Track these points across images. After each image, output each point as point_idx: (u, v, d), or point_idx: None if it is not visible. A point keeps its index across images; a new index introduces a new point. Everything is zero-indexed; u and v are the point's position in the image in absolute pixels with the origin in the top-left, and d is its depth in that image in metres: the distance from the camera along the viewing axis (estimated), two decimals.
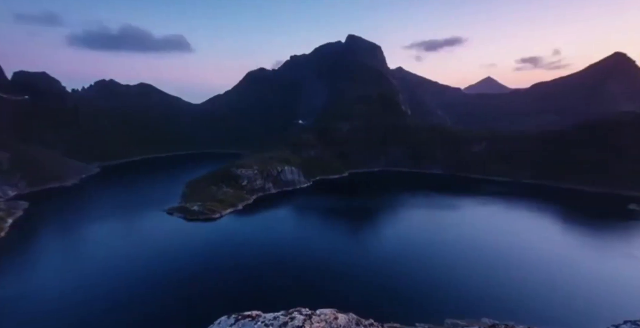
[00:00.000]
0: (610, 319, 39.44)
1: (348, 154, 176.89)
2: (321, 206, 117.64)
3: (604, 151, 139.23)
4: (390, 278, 61.14)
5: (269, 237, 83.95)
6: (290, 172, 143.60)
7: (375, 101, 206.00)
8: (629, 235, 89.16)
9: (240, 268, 64.63)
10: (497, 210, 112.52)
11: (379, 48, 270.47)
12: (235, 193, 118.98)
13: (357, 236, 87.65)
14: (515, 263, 68.72)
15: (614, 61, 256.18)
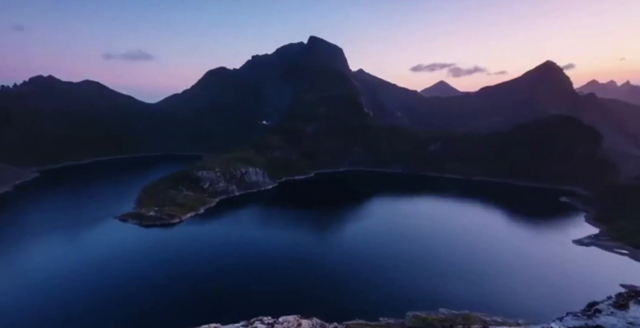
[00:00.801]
0: (555, 303, 43.75)
1: (313, 154, 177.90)
2: (286, 208, 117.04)
3: (539, 150, 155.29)
4: (353, 276, 62.02)
5: (231, 242, 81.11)
6: (255, 173, 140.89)
7: (339, 102, 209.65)
8: (563, 224, 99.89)
9: (199, 276, 61.22)
10: (451, 206, 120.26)
11: (340, 50, 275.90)
12: (197, 196, 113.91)
13: (321, 238, 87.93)
14: (468, 254, 73.43)
15: (545, 69, 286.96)
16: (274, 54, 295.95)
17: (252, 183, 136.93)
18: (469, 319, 43.53)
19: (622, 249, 73.22)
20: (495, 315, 45.19)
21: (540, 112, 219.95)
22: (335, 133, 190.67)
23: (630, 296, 2.83)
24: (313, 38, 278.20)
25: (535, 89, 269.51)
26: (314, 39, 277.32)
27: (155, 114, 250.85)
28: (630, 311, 2.55)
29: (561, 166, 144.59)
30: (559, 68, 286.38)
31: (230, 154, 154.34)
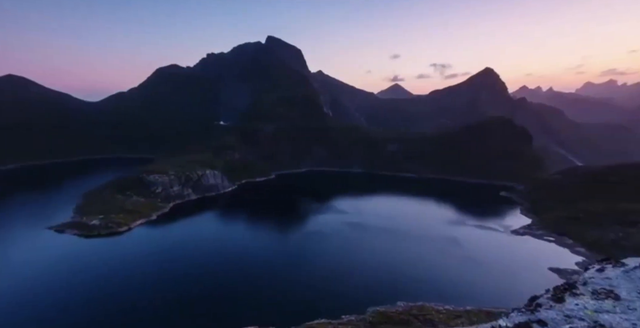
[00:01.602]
0: (498, 288, 47.99)
1: (274, 155, 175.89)
2: (246, 210, 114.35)
3: (481, 149, 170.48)
4: (314, 277, 62.38)
5: (186, 248, 76.72)
6: (213, 176, 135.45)
7: (299, 103, 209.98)
8: (503, 216, 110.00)
9: (147, 289, 56.96)
10: (406, 203, 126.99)
11: (299, 51, 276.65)
12: (148, 201, 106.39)
13: (281, 240, 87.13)
14: (421, 248, 77.79)
15: (485, 75, 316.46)
16: (230, 52, 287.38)
17: (209, 186, 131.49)
18: (423, 310, 46.44)
19: (549, 236, 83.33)
20: (447, 305, 48.70)
21: (481, 115, 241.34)
22: (296, 133, 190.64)
23: (565, 289, 3.08)
24: (271, 38, 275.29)
25: (477, 93, 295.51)
26: (271, 39, 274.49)
27: (97, 113, 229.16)
28: (566, 304, 2.81)
29: (500, 164, 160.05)
30: (496, 74, 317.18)
31: (185, 156, 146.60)
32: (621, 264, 3.18)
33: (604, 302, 2.56)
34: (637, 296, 2.56)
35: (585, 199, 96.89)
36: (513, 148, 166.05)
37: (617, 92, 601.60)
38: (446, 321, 43.31)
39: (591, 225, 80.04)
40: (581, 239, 77.12)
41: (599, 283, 2.80)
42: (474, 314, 45.18)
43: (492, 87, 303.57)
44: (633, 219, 76.64)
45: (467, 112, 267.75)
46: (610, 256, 3.43)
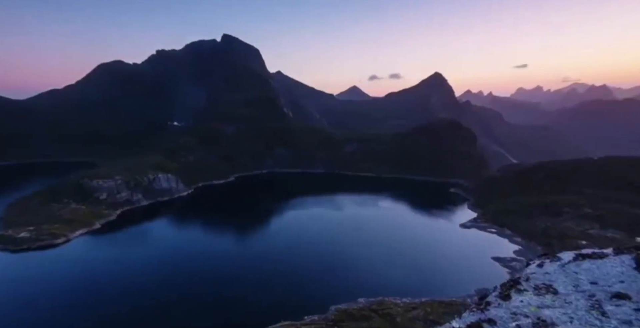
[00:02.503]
0: (451, 278, 51.34)
1: (233, 157, 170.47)
2: (203, 215, 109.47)
3: (432, 149, 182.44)
4: (275, 279, 61.84)
5: (136, 257, 71.37)
6: (166, 179, 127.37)
7: (258, 104, 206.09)
8: (453, 211, 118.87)
9: (84, 308, 51.33)
10: (364, 202, 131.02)
11: (257, 51, 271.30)
12: (90, 209, 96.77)
13: (240, 244, 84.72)
14: (379, 245, 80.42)
15: (435, 79, 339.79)
16: (183, 50, 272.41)
17: (162, 190, 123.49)
18: (382, 304, 48.49)
19: (492, 228, 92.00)
20: (404, 298, 51.37)
21: (432, 116, 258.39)
22: (256, 134, 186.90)
23: (511, 286, 3.20)
24: (227, 36, 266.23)
25: (428, 96, 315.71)
26: (228, 38, 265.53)
27: (26, 112, 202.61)
28: (512, 301, 2.86)
29: (450, 162, 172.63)
30: (444, 79, 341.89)
31: (134, 159, 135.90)
32: (558, 259, 3.29)
33: (544, 297, 2.73)
34: (573, 289, 2.75)
35: (519, 193, 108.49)
36: (460, 147, 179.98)
37: (543, 98, 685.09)
38: (404, 313, 45.70)
39: (525, 216, 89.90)
40: (517, 229, 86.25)
41: (540, 278, 3.01)
42: (428, 305, 48.26)
43: (440, 91, 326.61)
44: (557, 210, 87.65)
45: (420, 114, 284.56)
46: (548, 251, 3.77)
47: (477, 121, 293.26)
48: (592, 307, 2.48)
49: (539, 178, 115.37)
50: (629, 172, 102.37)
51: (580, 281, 2.81)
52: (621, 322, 2.29)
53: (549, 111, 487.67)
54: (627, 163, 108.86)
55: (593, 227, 75.66)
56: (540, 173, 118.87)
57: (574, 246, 67.56)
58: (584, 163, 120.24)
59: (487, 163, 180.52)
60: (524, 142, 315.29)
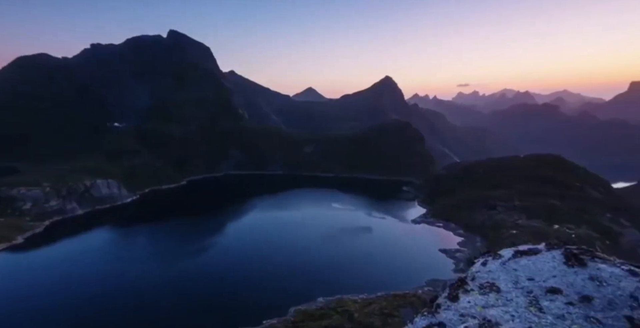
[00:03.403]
0: (405, 271, 54.13)
1: (184, 160, 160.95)
2: (150, 223, 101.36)
3: (386, 149, 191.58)
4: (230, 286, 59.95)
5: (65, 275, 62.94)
6: (106, 185, 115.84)
7: (211, 104, 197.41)
8: (405, 207, 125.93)
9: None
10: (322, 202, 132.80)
11: (208, 49, 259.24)
12: (10, 221, 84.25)
13: (189, 251, 79.30)
14: (335, 243, 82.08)
15: (385, 82, 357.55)
16: (124, 45, 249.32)
17: (102, 197, 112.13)
18: (341, 302, 49.66)
19: (439, 223, 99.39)
20: (361, 294, 53.16)
21: (384, 118, 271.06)
22: (210, 135, 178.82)
23: (458, 286, 3.23)
24: (174, 33, 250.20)
25: (380, 99, 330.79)
26: (175, 34, 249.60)
27: None
28: (460, 302, 2.90)
29: (401, 161, 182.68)
30: (394, 82, 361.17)
31: (66, 163, 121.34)
32: (499, 256, 3.41)
33: (489, 296, 2.79)
34: (513, 287, 2.83)
35: (462, 189, 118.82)
36: (411, 147, 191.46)
37: (479, 101, 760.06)
38: (361, 309, 47.33)
39: (466, 210, 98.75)
40: (460, 222, 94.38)
41: (484, 277, 3.11)
42: (384, 299, 50.59)
43: (391, 94, 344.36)
44: (493, 203, 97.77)
45: (373, 115, 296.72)
46: (490, 249, 3.81)
47: (425, 123, 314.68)
48: (531, 304, 2.58)
49: (478, 174, 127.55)
50: (549, 168, 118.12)
51: (519, 277, 2.89)
52: (556, 316, 2.39)
53: (484, 113, 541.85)
54: (547, 160, 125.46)
55: (521, 218, 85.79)
56: (479, 170, 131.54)
57: (506, 235, 76.07)
58: (513, 160, 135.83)
59: (434, 161, 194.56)
60: (465, 142, 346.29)
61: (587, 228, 76.39)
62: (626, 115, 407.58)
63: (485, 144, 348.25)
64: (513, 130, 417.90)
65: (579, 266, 2.83)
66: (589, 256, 2.93)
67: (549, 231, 75.01)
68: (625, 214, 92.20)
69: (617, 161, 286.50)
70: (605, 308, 2.38)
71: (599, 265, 2.84)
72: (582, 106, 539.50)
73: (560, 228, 76.33)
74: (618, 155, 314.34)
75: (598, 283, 2.63)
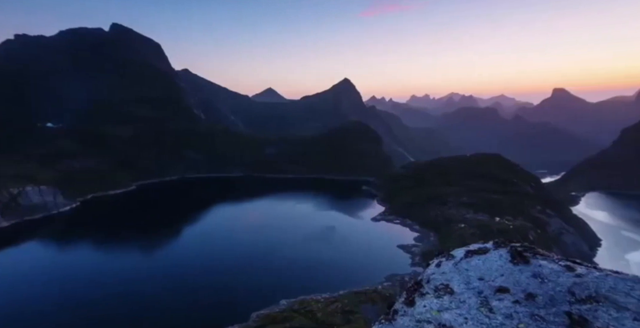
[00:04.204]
0: (365, 268, 55.69)
1: (133, 163, 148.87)
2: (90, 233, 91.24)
3: (346, 149, 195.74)
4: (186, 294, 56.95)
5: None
6: (38, 193, 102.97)
7: (162, 103, 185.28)
8: (365, 206, 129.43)
9: None
10: (284, 203, 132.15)
11: (158, 45, 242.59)
12: None
13: (140, 261, 74.25)
14: (297, 244, 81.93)
15: (344, 84, 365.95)
16: (57, 37, 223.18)
17: (33, 206, 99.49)
18: (304, 303, 49.67)
19: (397, 220, 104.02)
20: (324, 293, 53.66)
21: (344, 119, 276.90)
22: (162, 137, 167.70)
23: (414, 289, 3.10)
24: (118, 26, 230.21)
25: (339, 100, 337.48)
26: (119, 28, 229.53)
27: None
28: (417, 307, 2.82)
29: (361, 161, 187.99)
30: (352, 84, 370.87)
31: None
32: (452, 257, 3.36)
33: (443, 298, 2.79)
34: (465, 288, 2.84)
35: (417, 187, 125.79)
36: (370, 148, 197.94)
37: (430, 104, 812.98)
38: (324, 308, 47.82)
39: (421, 207, 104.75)
40: (416, 219, 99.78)
41: (438, 279, 3.08)
42: (346, 297, 51.64)
43: (350, 96, 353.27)
44: (444, 200, 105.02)
45: (333, 116, 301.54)
46: (443, 249, 3.75)
47: (382, 124, 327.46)
48: (482, 304, 2.59)
49: (431, 173, 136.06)
50: (490, 166, 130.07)
51: (470, 278, 2.90)
52: (504, 316, 2.42)
53: (434, 115, 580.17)
54: (489, 159, 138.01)
55: (468, 212, 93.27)
56: (432, 169, 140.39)
57: (456, 229, 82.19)
58: (461, 159, 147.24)
59: (392, 161, 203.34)
60: (418, 142, 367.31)
61: (522, 220, 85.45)
62: (551, 118, 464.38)
63: (436, 144, 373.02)
64: (460, 131, 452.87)
65: (523, 264, 2.86)
66: (531, 254, 2.97)
67: (492, 223, 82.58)
68: (551, 206, 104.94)
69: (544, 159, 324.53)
70: (547, 304, 2.42)
71: (540, 261, 2.85)
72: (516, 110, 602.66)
73: (501, 220, 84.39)
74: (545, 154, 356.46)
75: (540, 280, 2.64)
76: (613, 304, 2.25)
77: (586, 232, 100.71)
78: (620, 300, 2.26)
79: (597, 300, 2.32)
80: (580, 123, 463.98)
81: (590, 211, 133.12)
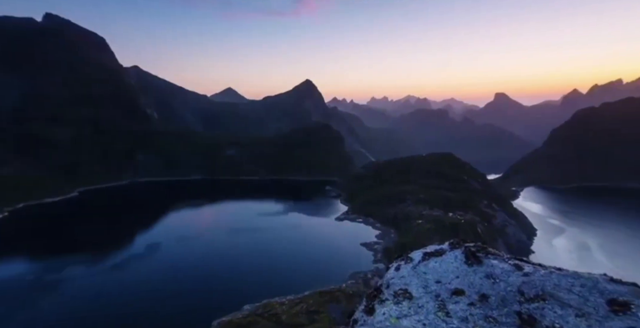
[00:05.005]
0: (332, 267, 55.71)
1: (75, 167, 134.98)
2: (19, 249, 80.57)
3: (309, 149, 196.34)
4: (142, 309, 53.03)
5: None
6: None
7: (109, 102, 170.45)
8: (329, 206, 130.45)
9: None
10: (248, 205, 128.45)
11: (102, 39, 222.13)
12: None
13: (86, 275, 66.75)
14: (260, 247, 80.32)
15: (306, 85, 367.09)
16: None
17: None
18: (268, 307, 48.78)
19: (360, 218, 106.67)
20: (289, 295, 53.17)
21: (307, 120, 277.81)
22: (110, 139, 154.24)
23: (374, 296, 2.99)
24: (53, 17, 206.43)
25: (302, 101, 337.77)
26: (54, 19, 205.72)
27: None
28: (376, 315, 2.75)
29: (324, 162, 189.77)
30: (314, 85, 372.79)
31: None
32: (410, 259, 3.30)
33: (402, 304, 2.76)
34: (424, 292, 2.82)
35: (378, 186, 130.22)
36: (332, 148, 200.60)
37: (388, 105, 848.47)
38: (288, 311, 47.43)
39: (382, 205, 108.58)
40: (377, 217, 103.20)
41: (397, 283, 3.04)
42: (310, 297, 51.67)
43: (312, 97, 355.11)
44: (403, 197, 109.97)
45: (295, 117, 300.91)
46: (402, 253, 3.66)
47: (344, 125, 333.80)
48: (439, 308, 2.59)
49: (391, 172, 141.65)
50: (444, 165, 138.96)
51: (428, 281, 2.90)
52: (460, 320, 2.44)
53: (393, 116, 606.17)
54: (443, 158, 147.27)
55: (425, 209, 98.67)
56: (392, 169, 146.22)
57: (414, 225, 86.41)
58: (417, 159, 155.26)
59: (354, 161, 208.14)
60: (378, 142, 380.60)
61: (472, 214, 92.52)
62: (494, 120, 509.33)
63: (394, 144, 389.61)
64: (415, 131, 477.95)
65: (477, 264, 2.90)
66: (484, 254, 3.04)
67: (446, 218, 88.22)
68: (496, 200, 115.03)
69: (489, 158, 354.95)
70: (499, 305, 2.46)
71: (492, 261, 2.90)
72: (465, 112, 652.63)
73: (453, 215, 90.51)
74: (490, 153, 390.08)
75: (493, 280, 2.68)
76: (558, 301, 2.31)
77: (525, 223, 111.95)
78: (563, 297, 2.32)
79: (543, 298, 2.38)
80: (518, 124, 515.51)
81: (527, 204, 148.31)
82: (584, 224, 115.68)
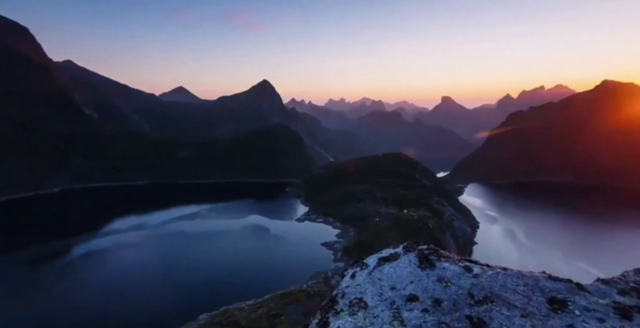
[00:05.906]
0: (294, 269, 54.99)
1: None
2: None
3: (268, 151, 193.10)
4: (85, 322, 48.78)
5: None
6: None
7: (39, 100, 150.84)
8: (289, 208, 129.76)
9: None
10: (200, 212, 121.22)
11: (26, 30, 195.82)
12: None
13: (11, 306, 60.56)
14: (219, 252, 77.56)
15: (264, 85, 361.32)
16: None
17: None
18: (226, 314, 46.85)
19: (320, 219, 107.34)
20: (248, 300, 51.60)
21: (264, 121, 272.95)
22: (38, 140, 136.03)
23: (329, 307, 2.86)
24: None
25: (259, 102, 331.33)
26: None
27: None
28: None
29: (283, 163, 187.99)
30: (271, 86, 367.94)
31: None
32: (365, 266, 3.25)
33: (357, 315, 2.67)
34: (379, 300, 2.76)
35: (337, 186, 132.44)
36: (291, 149, 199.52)
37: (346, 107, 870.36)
38: (248, 316, 46.06)
39: (341, 205, 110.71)
40: (337, 216, 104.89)
41: (353, 292, 2.95)
42: (271, 300, 50.70)
43: (270, 97, 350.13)
44: (361, 197, 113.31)
45: (253, 118, 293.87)
46: (358, 259, 3.58)
47: (302, 126, 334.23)
48: (394, 317, 2.55)
49: (349, 172, 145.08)
50: (398, 164, 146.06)
51: (383, 288, 2.86)
52: (414, 327, 2.44)
53: (350, 118, 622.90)
54: (397, 158, 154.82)
55: (382, 207, 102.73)
56: (349, 168, 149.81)
57: (372, 223, 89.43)
58: (374, 158, 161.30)
59: (313, 162, 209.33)
60: (336, 143, 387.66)
61: (424, 210, 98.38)
62: (441, 122, 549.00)
63: (352, 144, 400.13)
64: (371, 132, 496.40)
65: (429, 268, 2.92)
66: (436, 257, 3.06)
67: (401, 215, 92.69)
68: (445, 197, 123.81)
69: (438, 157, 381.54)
70: (451, 310, 2.47)
71: (443, 264, 2.94)
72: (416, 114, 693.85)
73: (408, 212, 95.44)
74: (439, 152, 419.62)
75: (445, 284, 2.70)
76: (504, 302, 2.36)
77: (469, 216, 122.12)
78: (510, 298, 2.37)
79: (491, 300, 2.40)
80: (462, 126, 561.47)
81: (471, 199, 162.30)
82: (512, 214, 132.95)
